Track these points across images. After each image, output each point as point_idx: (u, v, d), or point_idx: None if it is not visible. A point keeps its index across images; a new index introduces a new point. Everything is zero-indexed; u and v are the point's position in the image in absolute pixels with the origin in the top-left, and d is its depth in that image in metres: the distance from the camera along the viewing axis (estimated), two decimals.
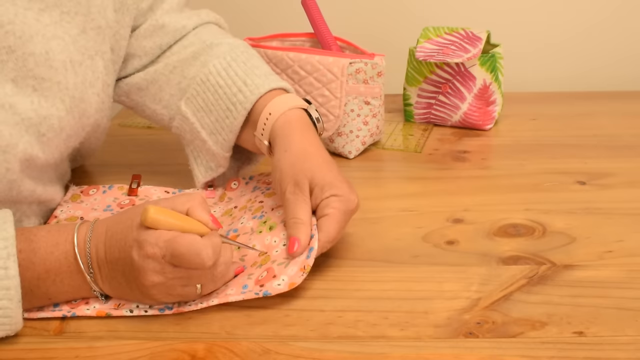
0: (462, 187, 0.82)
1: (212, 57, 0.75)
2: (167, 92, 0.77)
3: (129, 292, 0.58)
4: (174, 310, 0.59)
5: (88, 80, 0.68)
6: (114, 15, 0.72)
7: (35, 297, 0.57)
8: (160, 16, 0.78)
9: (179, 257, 0.55)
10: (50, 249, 0.57)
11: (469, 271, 0.64)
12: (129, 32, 0.75)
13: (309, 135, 0.68)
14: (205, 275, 0.58)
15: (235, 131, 0.73)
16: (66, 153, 0.71)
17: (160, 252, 0.55)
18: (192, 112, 0.75)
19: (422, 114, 1.02)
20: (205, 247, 0.55)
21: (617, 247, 0.68)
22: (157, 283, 0.56)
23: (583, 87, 1.20)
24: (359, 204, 0.65)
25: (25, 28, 0.62)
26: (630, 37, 1.18)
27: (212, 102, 0.74)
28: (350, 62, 0.87)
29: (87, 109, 0.69)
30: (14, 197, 0.65)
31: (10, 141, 0.61)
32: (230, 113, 0.72)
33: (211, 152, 0.76)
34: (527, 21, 1.18)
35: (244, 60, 0.75)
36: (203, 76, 0.74)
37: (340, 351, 0.54)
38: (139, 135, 1.01)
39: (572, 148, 0.92)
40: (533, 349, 0.54)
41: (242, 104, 0.71)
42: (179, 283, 0.57)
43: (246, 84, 0.72)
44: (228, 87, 0.73)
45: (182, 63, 0.76)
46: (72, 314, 0.59)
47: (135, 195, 0.78)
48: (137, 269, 0.56)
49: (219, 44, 0.76)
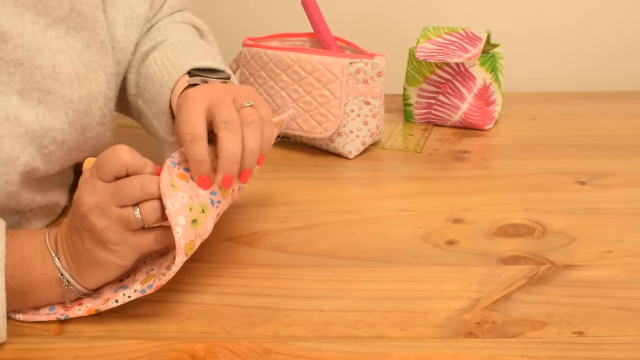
0: (462, 187, 0.82)
1: (154, 51, 0.76)
2: (130, 94, 0.78)
3: (82, 247, 0.57)
4: (154, 287, 0.58)
5: (92, 94, 0.69)
6: (124, 31, 0.73)
7: (10, 290, 0.57)
8: (163, 25, 0.80)
9: (100, 163, 0.56)
10: (29, 238, 0.59)
11: (469, 271, 0.64)
12: (134, 47, 0.76)
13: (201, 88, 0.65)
14: (134, 185, 0.56)
15: (166, 112, 0.72)
16: (67, 165, 0.71)
17: (89, 172, 0.57)
18: (146, 106, 0.76)
19: (422, 114, 1.02)
20: (121, 147, 0.57)
21: (617, 247, 0.68)
22: (92, 205, 0.55)
23: (583, 87, 1.20)
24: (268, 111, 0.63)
25: (33, 41, 0.62)
26: (630, 37, 1.18)
27: (151, 90, 0.74)
28: (350, 62, 0.87)
29: (89, 123, 0.69)
30: (12, 206, 0.65)
31: (12, 154, 0.61)
32: (160, 96, 0.72)
33: (165, 139, 0.75)
34: (527, 21, 1.18)
35: (180, 50, 0.74)
36: (144, 69, 0.75)
37: (340, 351, 0.54)
38: (139, 135, 1.01)
39: (572, 148, 0.92)
40: (533, 349, 0.54)
41: (167, 83, 0.71)
42: (111, 200, 0.56)
43: (173, 66, 0.72)
44: (160, 72, 0.73)
45: (137, 62, 0.77)
46: (66, 317, 0.59)
47: None
48: (75, 203, 0.57)
49: (166, 39, 0.77)
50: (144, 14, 0.76)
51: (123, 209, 0.56)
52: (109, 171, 0.56)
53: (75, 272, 0.58)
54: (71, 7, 0.66)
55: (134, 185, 0.56)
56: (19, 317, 0.59)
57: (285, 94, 0.91)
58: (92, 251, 0.57)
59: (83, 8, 0.67)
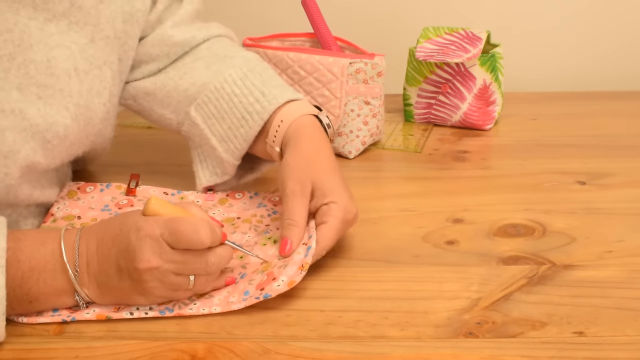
0: (462, 187, 0.82)
1: (228, 67, 0.75)
2: (175, 98, 0.77)
3: (117, 284, 0.57)
4: (174, 312, 0.59)
5: (95, 89, 0.69)
6: (123, 26, 0.72)
7: (16, 298, 0.56)
8: (170, 27, 0.78)
9: (177, 234, 0.55)
10: (37, 246, 0.57)
11: (469, 271, 0.64)
12: (137, 42, 0.76)
13: (319, 140, 0.69)
14: (200, 263, 0.57)
15: (249, 140, 0.73)
16: (67, 160, 0.71)
17: (159, 230, 0.55)
18: (203, 119, 0.75)
19: (422, 114, 1.02)
20: (203, 226, 0.56)
21: (617, 247, 0.68)
22: (152, 267, 0.55)
23: (583, 87, 1.20)
24: (357, 215, 0.66)
25: (24, 36, 0.62)
26: (630, 37, 1.18)
27: (225, 110, 0.74)
28: (350, 62, 0.87)
29: (92, 118, 0.69)
30: (10, 200, 0.65)
31: (13, 147, 0.61)
32: (246, 122, 0.72)
33: (220, 159, 0.76)
34: (527, 21, 1.18)
35: (259, 72, 0.75)
36: (217, 84, 0.74)
37: (340, 351, 0.54)
38: (139, 135, 1.01)
39: (572, 148, 0.92)
40: (533, 349, 0.54)
41: (259, 113, 0.72)
42: (174, 268, 0.56)
43: (264, 94, 0.72)
44: (244, 96, 0.73)
45: (192, 71, 0.77)
46: (72, 319, 0.58)
47: (133, 195, 0.78)
48: (132, 250, 0.55)
49: (233, 56, 0.77)
50: (143, 9, 0.74)
51: (180, 276, 0.57)
52: (184, 245, 0.56)
53: (94, 291, 0.58)
54: (71, 1, 0.66)
55: (201, 265, 0.57)
56: (21, 319, 0.58)
57: None
58: (127, 292, 0.58)
59: (84, 3, 0.67)
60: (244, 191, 0.79)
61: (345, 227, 0.65)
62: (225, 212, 0.75)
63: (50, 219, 0.72)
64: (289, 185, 0.65)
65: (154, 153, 0.94)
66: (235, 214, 0.75)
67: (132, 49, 0.75)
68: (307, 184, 0.65)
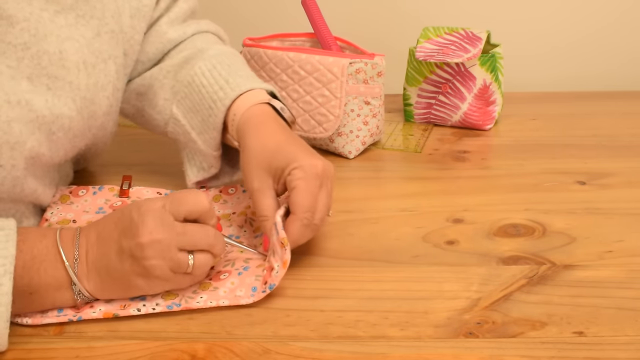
0: (462, 187, 0.82)
1: (199, 60, 0.76)
2: (162, 97, 0.78)
3: (117, 266, 0.57)
4: (182, 307, 0.59)
5: (100, 83, 0.69)
6: (130, 21, 0.73)
7: (17, 289, 0.55)
8: (164, 23, 0.79)
9: (179, 199, 0.58)
10: (40, 237, 0.58)
11: (469, 271, 0.64)
12: (142, 38, 0.76)
13: (265, 125, 0.69)
14: (201, 233, 0.58)
15: (217, 129, 0.73)
16: (71, 154, 0.71)
17: (161, 202, 0.58)
18: (183, 114, 0.76)
19: (422, 114, 1.02)
20: (202, 194, 0.60)
21: (617, 247, 0.68)
22: (155, 239, 0.56)
23: (583, 87, 1.20)
24: (327, 166, 0.65)
25: (39, 27, 0.63)
26: (630, 37, 1.18)
27: (197, 102, 0.74)
28: (350, 62, 0.87)
29: (96, 111, 0.70)
30: (16, 194, 0.65)
31: (20, 138, 0.61)
32: (212, 111, 0.73)
33: (201, 151, 0.76)
34: (528, 21, 1.18)
35: (228, 64, 0.75)
36: (189, 78, 0.75)
37: (340, 351, 0.54)
38: (138, 135, 1.01)
39: (572, 148, 0.92)
40: (533, 349, 0.54)
41: (222, 100, 0.72)
42: (175, 241, 0.57)
43: (228, 82, 0.73)
44: (210, 85, 0.73)
45: (175, 67, 0.77)
46: (79, 318, 0.58)
47: (126, 197, 0.78)
48: (135, 226, 0.56)
49: (208, 48, 0.78)
50: (150, 5, 0.75)
51: (181, 253, 0.57)
52: (185, 211, 0.58)
53: (94, 280, 0.58)
54: None
55: (202, 235, 0.58)
56: (26, 321, 0.58)
57: (285, 94, 0.91)
58: (128, 276, 0.58)
59: None
60: (237, 185, 0.79)
61: (316, 183, 0.63)
62: (220, 209, 0.76)
63: (45, 224, 0.72)
64: (248, 185, 0.66)
65: (154, 153, 0.94)
66: (230, 210, 0.75)
67: (138, 44, 0.76)
68: (263, 175, 0.65)
